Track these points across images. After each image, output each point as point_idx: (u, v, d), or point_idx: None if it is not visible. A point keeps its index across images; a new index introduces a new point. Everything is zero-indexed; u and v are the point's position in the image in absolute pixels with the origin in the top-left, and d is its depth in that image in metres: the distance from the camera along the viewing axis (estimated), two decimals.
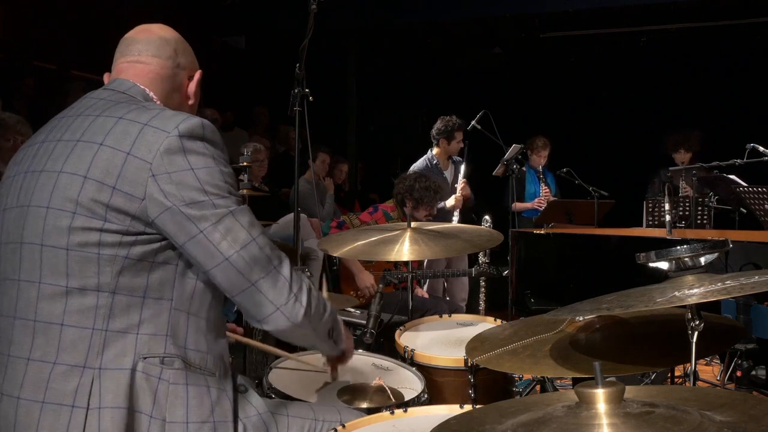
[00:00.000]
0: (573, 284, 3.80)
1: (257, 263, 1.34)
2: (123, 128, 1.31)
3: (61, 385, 1.27)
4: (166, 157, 1.29)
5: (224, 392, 1.39)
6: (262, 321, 1.37)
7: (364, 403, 1.76)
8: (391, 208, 4.09)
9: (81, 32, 6.25)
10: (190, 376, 1.34)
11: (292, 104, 2.82)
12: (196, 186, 1.30)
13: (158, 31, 1.52)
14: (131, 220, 1.28)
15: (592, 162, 6.79)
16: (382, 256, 2.32)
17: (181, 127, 1.31)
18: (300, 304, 1.38)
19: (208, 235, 1.30)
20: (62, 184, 1.30)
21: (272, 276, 1.36)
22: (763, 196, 3.98)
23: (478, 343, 1.70)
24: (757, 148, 4.07)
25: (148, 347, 1.31)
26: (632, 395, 1.00)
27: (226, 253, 1.31)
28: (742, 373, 3.30)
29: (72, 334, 1.28)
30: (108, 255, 1.28)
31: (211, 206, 1.31)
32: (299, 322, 1.38)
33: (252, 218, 1.37)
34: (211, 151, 1.35)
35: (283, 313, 1.36)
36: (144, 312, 1.31)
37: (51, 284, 1.29)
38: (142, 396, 1.29)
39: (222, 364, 1.41)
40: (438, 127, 5.12)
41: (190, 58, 1.55)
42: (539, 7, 7.56)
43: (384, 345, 2.68)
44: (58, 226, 1.29)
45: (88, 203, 1.28)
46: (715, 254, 1.42)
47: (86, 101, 1.44)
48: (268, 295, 1.35)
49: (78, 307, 1.28)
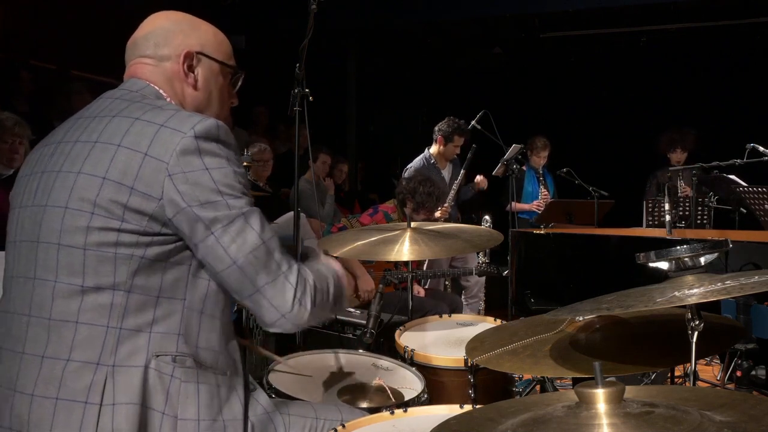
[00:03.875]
0: (573, 284, 3.80)
1: (264, 268, 1.34)
2: (140, 129, 1.33)
3: (74, 382, 1.28)
4: (182, 157, 1.30)
5: (234, 391, 1.40)
6: (269, 325, 1.38)
7: (364, 403, 1.76)
8: (391, 209, 4.09)
9: (81, 32, 6.25)
10: (201, 375, 1.35)
11: (292, 104, 2.82)
12: (211, 186, 1.31)
13: (142, 29, 1.51)
14: (148, 220, 1.30)
15: (592, 162, 6.80)
16: (382, 256, 2.32)
17: (197, 128, 1.32)
18: (304, 309, 1.38)
19: (219, 237, 1.31)
20: (80, 184, 1.31)
21: (279, 282, 1.36)
22: (763, 196, 3.98)
23: (478, 343, 1.70)
24: (757, 148, 4.07)
25: (161, 345, 1.32)
26: (632, 395, 1.00)
27: (235, 256, 1.32)
28: (742, 373, 3.30)
29: (86, 331, 1.29)
30: (124, 254, 1.29)
31: (225, 207, 1.32)
32: (304, 323, 1.40)
33: (263, 220, 1.37)
34: (225, 152, 1.35)
35: (288, 320, 1.37)
36: (157, 311, 1.33)
37: (67, 283, 1.30)
38: (154, 393, 1.30)
39: (233, 364, 1.42)
40: (442, 125, 5.12)
41: (177, 40, 1.49)
42: (539, 7, 7.56)
43: (384, 345, 2.68)
44: (76, 226, 1.30)
45: (107, 204, 1.29)
46: (715, 254, 1.41)
47: (102, 102, 1.45)
48: (273, 302, 1.35)
49: (93, 306, 1.30)
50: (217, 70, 1.54)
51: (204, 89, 1.53)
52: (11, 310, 1.37)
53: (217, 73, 1.54)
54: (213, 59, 1.53)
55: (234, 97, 1.63)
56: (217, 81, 1.55)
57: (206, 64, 1.52)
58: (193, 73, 1.50)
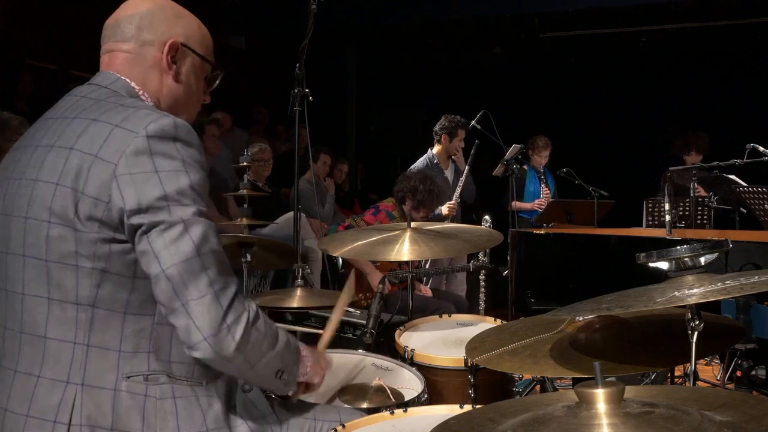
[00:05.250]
0: (573, 284, 3.80)
1: (194, 282, 1.23)
2: (94, 131, 1.27)
3: (44, 399, 1.26)
4: (131, 158, 1.23)
5: (215, 398, 1.36)
6: (190, 348, 1.25)
7: (364, 403, 1.76)
8: (392, 207, 4.10)
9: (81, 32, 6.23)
10: (177, 389, 1.32)
11: (292, 104, 2.82)
12: (157, 190, 1.23)
13: (122, 11, 1.43)
14: (99, 225, 1.23)
15: (592, 162, 6.80)
16: (382, 256, 2.32)
17: (150, 128, 1.25)
18: (231, 339, 1.24)
19: (152, 242, 1.22)
20: (38, 192, 1.27)
21: (207, 300, 1.23)
22: (763, 196, 3.98)
23: (478, 343, 1.70)
24: (757, 148, 4.07)
25: (131, 366, 1.28)
26: (632, 395, 1.00)
27: (164, 264, 1.22)
28: (742, 373, 3.30)
29: (55, 347, 1.27)
30: (85, 267, 1.25)
31: (166, 213, 1.23)
32: (229, 357, 1.25)
33: (207, 232, 1.26)
34: (183, 153, 1.27)
35: (210, 344, 1.23)
36: (126, 328, 1.28)
37: (34, 296, 1.27)
38: (129, 416, 1.27)
39: (208, 372, 1.36)
40: (442, 123, 5.18)
41: (161, 27, 1.41)
42: (539, 7, 7.57)
43: (384, 345, 2.68)
44: (37, 236, 1.26)
45: (60, 211, 1.24)
46: (715, 254, 1.41)
47: (69, 99, 1.39)
48: (196, 321, 1.23)
49: (59, 320, 1.26)
50: (198, 65, 1.48)
51: (185, 83, 1.46)
52: None
53: (198, 68, 1.48)
54: (196, 53, 1.46)
55: (207, 95, 1.56)
56: (197, 76, 1.48)
57: (189, 58, 1.45)
58: (175, 65, 1.43)
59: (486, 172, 5.18)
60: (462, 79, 8.98)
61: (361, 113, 8.85)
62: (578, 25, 8.10)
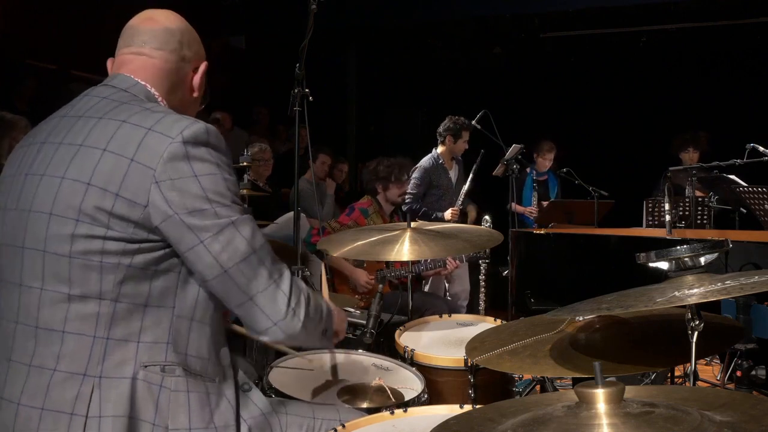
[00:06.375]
0: (573, 284, 3.80)
1: (256, 277, 1.33)
2: (126, 133, 1.29)
3: (61, 393, 1.26)
4: (169, 163, 1.27)
5: (224, 397, 1.39)
6: (260, 333, 1.37)
7: (364, 403, 1.76)
8: (366, 203, 4.13)
9: (81, 32, 6.25)
10: (191, 383, 1.34)
11: (292, 104, 2.82)
12: (200, 194, 1.28)
13: (163, 21, 1.47)
14: (134, 227, 1.26)
15: (592, 162, 6.79)
16: (382, 256, 2.32)
17: (185, 133, 1.29)
18: (298, 319, 1.37)
19: (209, 246, 1.28)
20: (65, 190, 1.28)
21: (271, 290, 1.34)
22: (763, 196, 3.98)
23: (478, 343, 1.70)
24: (757, 148, 4.07)
25: (149, 355, 1.30)
26: (632, 395, 1.00)
27: (226, 265, 1.30)
28: (742, 373, 3.30)
29: (72, 341, 1.27)
30: (110, 263, 1.26)
31: (213, 215, 1.29)
32: (296, 334, 1.39)
33: (254, 228, 1.35)
34: (215, 158, 1.32)
35: (280, 328, 1.36)
36: (145, 320, 1.30)
37: (53, 291, 1.28)
38: (143, 404, 1.29)
39: (222, 370, 1.40)
40: (446, 124, 5.22)
41: (196, 47, 1.51)
42: (539, 7, 7.57)
43: (384, 345, 2.68)
44: (61, 233, 1.27)
45: (91, 211, 1.26)
46: (715, 254, 1.41)
47: (88, 100, 1.40)
48: (265, 310, 1.34)
49: (79, 315, 1.27)
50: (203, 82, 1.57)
51: (197, 98, 1.56)
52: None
53: (202, 83, 1.56)
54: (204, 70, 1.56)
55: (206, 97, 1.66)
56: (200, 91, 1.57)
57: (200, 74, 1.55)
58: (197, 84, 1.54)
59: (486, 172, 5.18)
60: (462, 79, 8.97)
61: (361, 113, 8.85)
62: (578, 25, 8.10)
